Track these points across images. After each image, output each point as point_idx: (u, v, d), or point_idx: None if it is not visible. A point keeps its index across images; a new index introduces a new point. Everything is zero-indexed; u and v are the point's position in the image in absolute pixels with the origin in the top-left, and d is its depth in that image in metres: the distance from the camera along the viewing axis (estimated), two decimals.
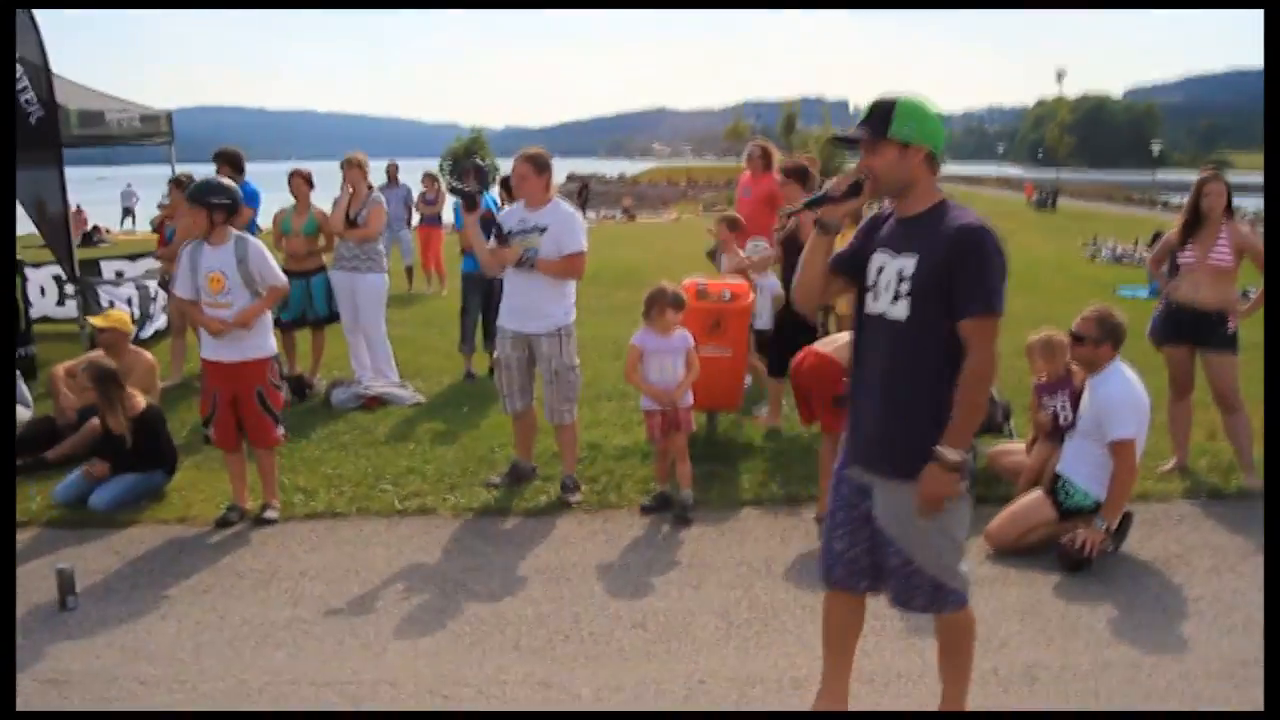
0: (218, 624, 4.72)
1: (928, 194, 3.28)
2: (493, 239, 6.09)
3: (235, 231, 5.92)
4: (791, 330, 7.12)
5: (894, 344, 3.28)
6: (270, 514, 6.01)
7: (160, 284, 10.36)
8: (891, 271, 3.28)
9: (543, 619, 4.71)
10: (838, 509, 3.55)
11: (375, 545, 5.63)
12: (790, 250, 7.38)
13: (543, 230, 6.04)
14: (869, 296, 3.39)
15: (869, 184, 3.29)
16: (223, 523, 5.92)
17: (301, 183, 8.83)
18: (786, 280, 7.36)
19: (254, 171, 9.12)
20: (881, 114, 3.23)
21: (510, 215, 6.24)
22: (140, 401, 6.39)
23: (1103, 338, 5.46)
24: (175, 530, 5.90)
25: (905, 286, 3.23)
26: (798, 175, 7.66)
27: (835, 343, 5.85)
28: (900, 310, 3.24)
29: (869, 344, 3.40)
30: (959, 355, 3.18)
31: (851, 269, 3.46)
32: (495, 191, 10.00)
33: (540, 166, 6.13)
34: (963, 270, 3.13)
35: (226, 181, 6.07)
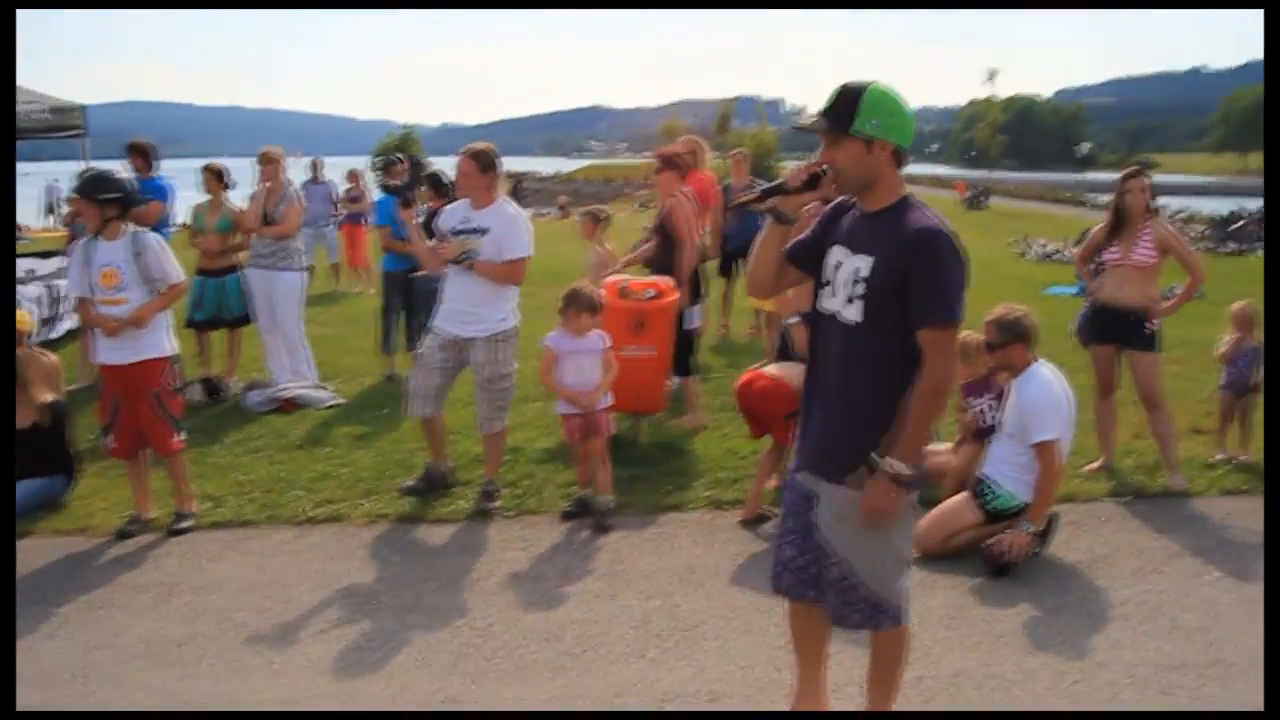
0: (110, 643, 4.47)
1: (891, 191, 3.10)
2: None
3: (132, 227, 5.66)
4: (679, 324, 7.05)
5: (846, 346, 3.14)
6: (184, 523, 5.75)
7: None
8: (848, 270, 3.13)
9: (454, 632, 4.53)
10: (788, 514, 3.43)
11: (283, 555, 5.41)
12: (663, 239, 7.33)
13: (483, 232, 5.79)
14: (825, 292, 3.23)
15: (829, 178, 3.11)
16: (123, 534, 5.65)
17: (212, 178, 8.53)
18: (660, 269, 7.30)
19: (180, 168, 8.85)
20: (846, 105, 3.02)
21: (453, 213, 5.98)
22: (46, 396, 6.12)
23: (1006, 340, 5.41)
24: (73, 542, 5.62)
25: (860, 289, 3.08)
26: (671, 163, 7.59)
27: (779, 369, 5.74)
28: (854, 312, 3.10)
29: (823, 343, 3.26)
30: (913, 361, 3.05)
31: (808, 261, 3.30)
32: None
33: (484, 164, 5.84)
34: (919, 277, 2.98)
35: (120, 175, 5.80)
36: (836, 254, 3.20)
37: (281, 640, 4.48)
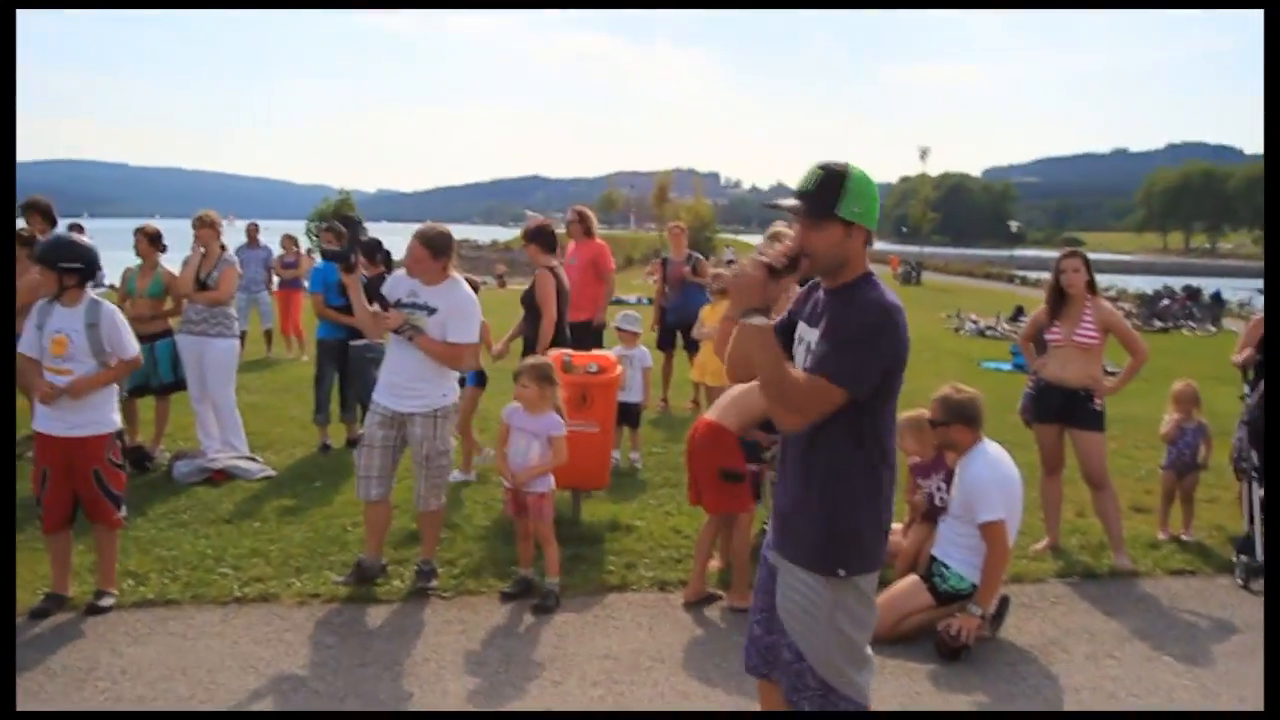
0: None
1: (856, 268, 3.03)
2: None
3: (91, 295, 5.46)
4: None
5: None
6: (105, 601, 5.45)
7: None
8: (804, 345, 3.06)
9: None
10: (759, 590, 3.33)
11: (209, 638, 5.14)
12: (529, 307, 7.37)
13: (431, 311, 5.57)
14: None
15: (805, 262, 3.00)
16: (38, 613, 5.34)
17: (145, 241, 8.31)
18: (529, 339, 7.38)
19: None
20: (830, 188, 2.93)
21: (400, 283, 5.74)
22: None
23: (949, 419, 5.38)
24: None
25: (809, 362, 3.00)
26: (538, 238, 7.62)
27: (721, 404, 5.62)
28: None
29: None
30: (868, 441, 2.97)
31: (784, 339, 3.20)
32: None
33: (437, 250, 5.61)
34: (834, 333, 2.92)
35: (82, 242, 5.57)
36: (800, 330, 3.14)
37: None
